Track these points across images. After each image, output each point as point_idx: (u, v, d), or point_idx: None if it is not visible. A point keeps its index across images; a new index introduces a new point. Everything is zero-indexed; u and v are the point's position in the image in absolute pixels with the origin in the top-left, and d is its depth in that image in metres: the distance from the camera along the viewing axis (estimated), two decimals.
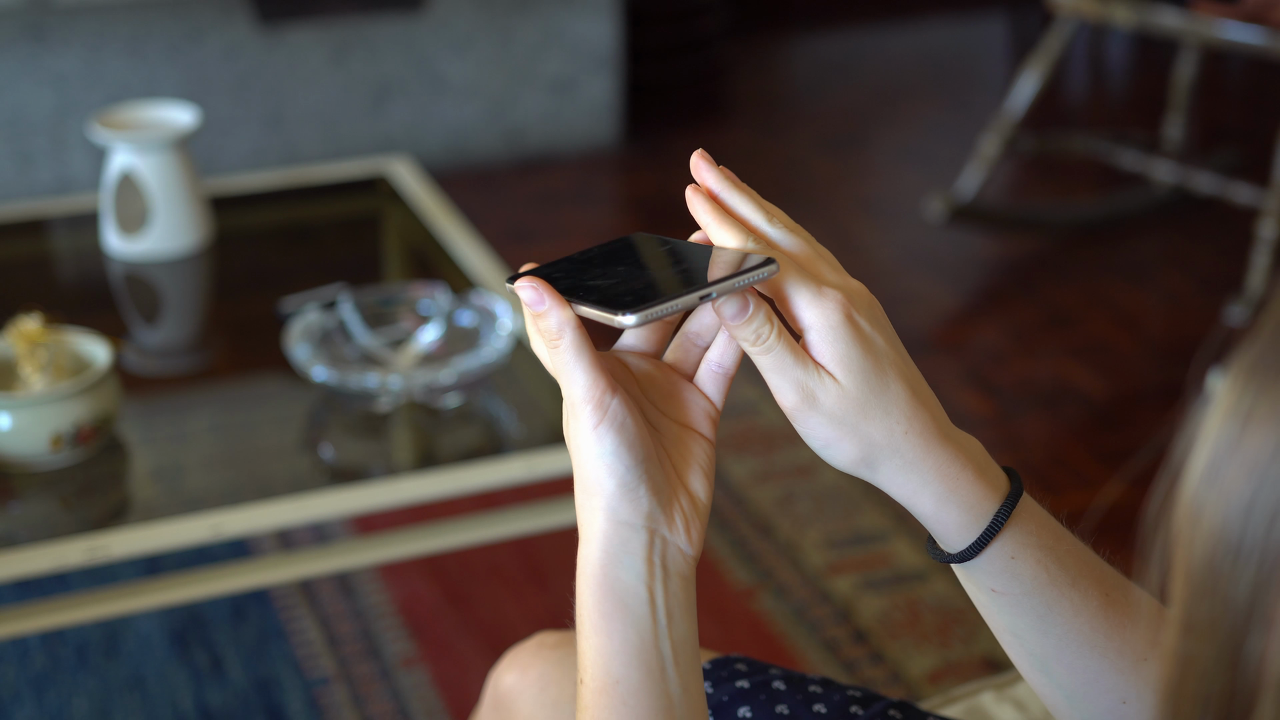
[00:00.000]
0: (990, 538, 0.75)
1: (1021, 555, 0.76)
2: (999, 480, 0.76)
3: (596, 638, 0.73)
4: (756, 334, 0.73)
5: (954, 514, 0.75)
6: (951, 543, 0.76)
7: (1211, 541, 0.53)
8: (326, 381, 1.75)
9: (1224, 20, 3.06)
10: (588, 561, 0.73)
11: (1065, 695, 0.78)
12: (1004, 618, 0.77)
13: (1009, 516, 0.76)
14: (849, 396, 0.73)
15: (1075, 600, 0.76)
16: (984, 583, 0.77)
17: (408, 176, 2.42)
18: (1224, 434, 0.54)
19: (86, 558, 1.54)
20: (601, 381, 0.72)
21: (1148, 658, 0.77)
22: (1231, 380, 0.54)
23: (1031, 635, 0.77)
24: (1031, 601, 0.76)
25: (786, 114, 4.17)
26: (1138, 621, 0.78)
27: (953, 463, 0.75)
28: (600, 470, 0.72)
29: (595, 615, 0.73)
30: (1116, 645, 0.77)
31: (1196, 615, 0.54)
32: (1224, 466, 0.53)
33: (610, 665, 0.72)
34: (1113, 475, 2.53)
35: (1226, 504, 0.53)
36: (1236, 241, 3.28)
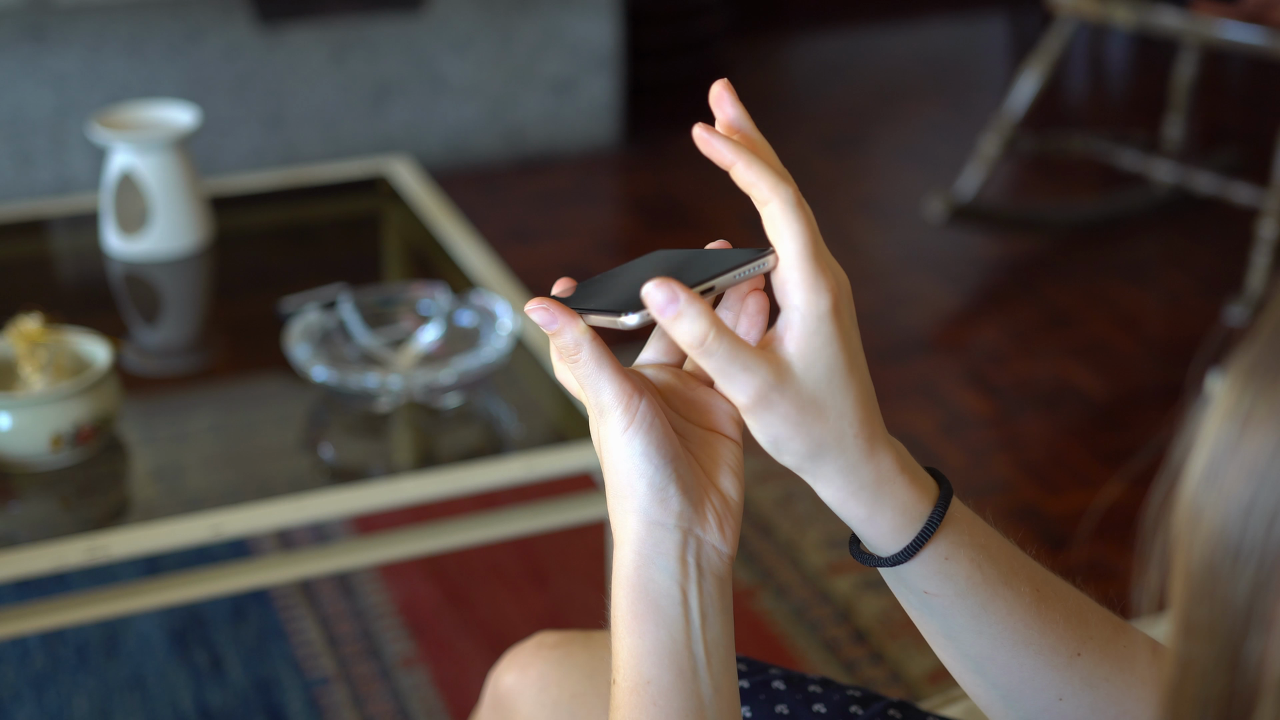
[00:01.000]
0: (924, 540, 0.74)
1: (955, 556, 0.75)
2: (928, 483, 0.76)
3: (629, 638, 0.73)
4: (689, 333, 0.69)
5: (888, 517, 0.74)
6: (883, 546, 0.75)
7: (1211, 543, 0.53)
8: (326, 381, 1.75)
9: (1224, 20, 3.06)
10: (622, 564, 0.73)
11: (1000, 695, 0.78)
12: (936, 621, 0.77)
13: (942, 518, 0.75)
14: (806, 395, 0.71)
15: (1008, 599, 0.76)
16: (916, 585, 0.76)
17: (408, 176, 2.42)
18: (1223, 435, 0.54)
19: (86, 558, 1.54)
20: (627, 385, 0.72)
21: (1080, 653, 0.77)
22: (1231, 381, 0.54)
23: (965, 636, 0.77)
24: (965, 603, 0.76)
25: (786, 114, 4.17)
26: (1069, 617, 0.77)
27: (890, 466, 0.74)
28: (631, 472, 0.72)
29: (629, 616, 0.73)
30: (1050, 641, 0.77)
31: (1196, 617, 0.54)
32: (1223, 468, 0.53)
33: (642, 666, 0.73)
34: (1113, 475, 2.53)
35: (1226, 505, 0.53)
36: (1236, 241, 3.28)
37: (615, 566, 0.74)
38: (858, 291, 3.18)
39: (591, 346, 0.73)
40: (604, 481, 0.75)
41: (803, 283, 0.70)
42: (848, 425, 0.73)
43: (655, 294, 0.69)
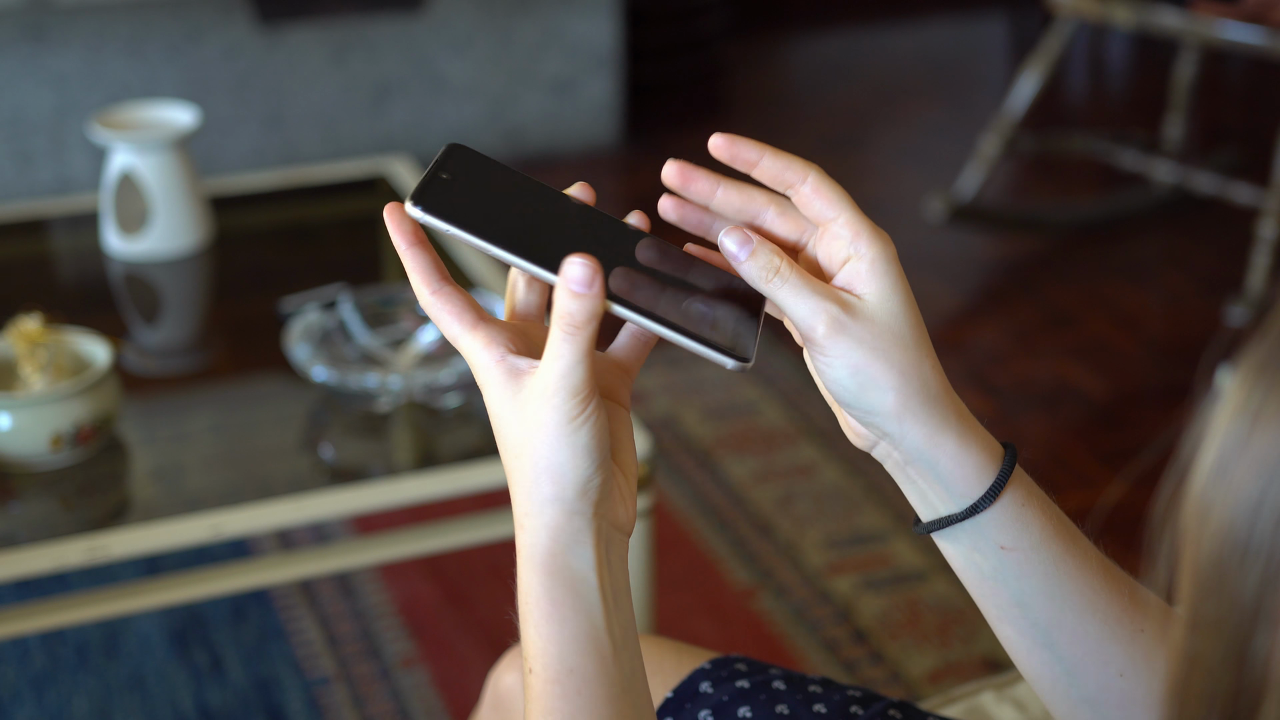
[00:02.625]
0: (1007, 478, 0.75)
1: (1030, 504, 0.76)
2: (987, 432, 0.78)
3: (548, 626, 0.72)
4: (765, 268, 0.72)
5: (973, 452, 0.75)
6: (966, 490, 0.75)
7: (1219, 539, 0.53)
8: (326, 381, 1.75)
9: (1224, 20, 3.06)
10: (536, 549, 0.72)
11: (1065, 670, 0.77)
12: (1010, 585, 0.76)
13: (1015, 462, 0.76)
14: (881, 324, 0.73)
15: (1078, 556, 0.77)
16: (994, 539, 0.75)
17: (408, 176, 2.42)
18: (1232, 432, 0.54)
19: (86, 558, 1.54)
20: (589, 375, 0.70)
21: (1144, 629, 0.77)
22: (1240, 378, 0.54)
23: (1038, 600, 0.76)
24: (1040, 555, 0.76)
25: (786, 114, 4.17)
26: (1133, 590, 0.78)
27: (962, 406, 0.76)
28: (565, 464, 0.70)
29: (546, 604, 0.72)
30: (1116, 611, 0.77)
31: (1203, 613, 0.54)
32: (1232, 464, 0.53)
33: (564, 654, 0.72)
34: (1113, 475, 2.53)
35: (1234, 502, 0.53)
36: (1236, 241, 3.28)
37: (526, 551, 0.72)
38: None
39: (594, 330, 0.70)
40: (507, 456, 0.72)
41: (866, 232, 0.73)
42: (926, 356, 0.75)
43: (729, 241, 0.73)
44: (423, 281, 0.74)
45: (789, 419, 2.65)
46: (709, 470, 2.52)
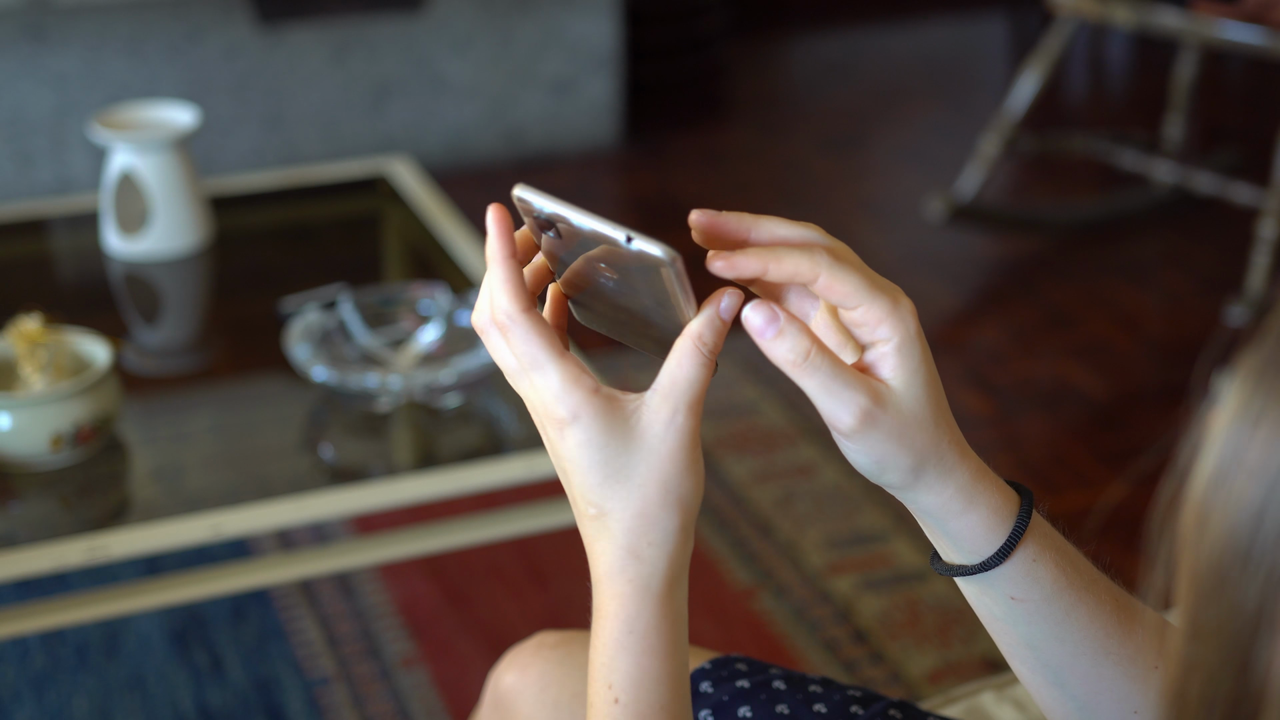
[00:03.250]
0: (1018, 537, 0.74)
1: (1041, 558, 0.75)
2: (1008, 488, 0.76)
3: (650, 660, 0.71)
4: (794, 351, 0.69)
5: (982, 516, 0.74)
6: (976, 549, 0.74)
7: (1219, 547, 0.53)
8: (326, 381, 1.75)
9: (1224, 20, 3.06)
10: (655, 580, 0.71)
11: (1077, 707, 0.77)
12: (1020, 629, 0.76)
13: (1030, 517, 0.75)
14: (906, 412, 0.71)
15: (1090, 605, 0.76)
16: (1004, 591, 0.75)
17: (408, 176, 2.42)
18: (1232, 438, 0.53)
19: (86, 558, 1.54)
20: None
21: (1157, 666, 0.77)
22: (1240, 382, 0.54)
23: (1048, 644, 0.76)
24: (1051, 608, 0.75)
25: (786, 114, 4.17)
26: (1146, 630, 0.77)
27: (978, 466, 0.74)
28: (692, 487, 0.70)
29: (653, 637, 0.71)
30: (1129, 652, 0.76)
31: (1203, 620, 0.54)
32: (1232, 471, 0.53)
33: (660, 692, 0.71)
34: (1113, 476, 2.53)
35: (1235, 510, 0.52)
36: (1236, 241, 3.28)
37: (644, 582, 0.71)
38: None
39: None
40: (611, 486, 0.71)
41: (890, 318, 0.71)
42: (944, 432, 0.73)
43: (755, 316, 0.70)
44: (514, 297, 0.70)
45: (789, 419, 2.65)
46: (709, 470, 2.52)
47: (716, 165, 3.81)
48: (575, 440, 0.70)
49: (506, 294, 0.70)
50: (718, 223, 0.72)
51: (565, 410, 0.70)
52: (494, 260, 0.71)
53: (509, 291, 0.70)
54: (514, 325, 0.70)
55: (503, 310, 0.70)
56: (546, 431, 0.72)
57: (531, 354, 0.70)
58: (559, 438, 0.71)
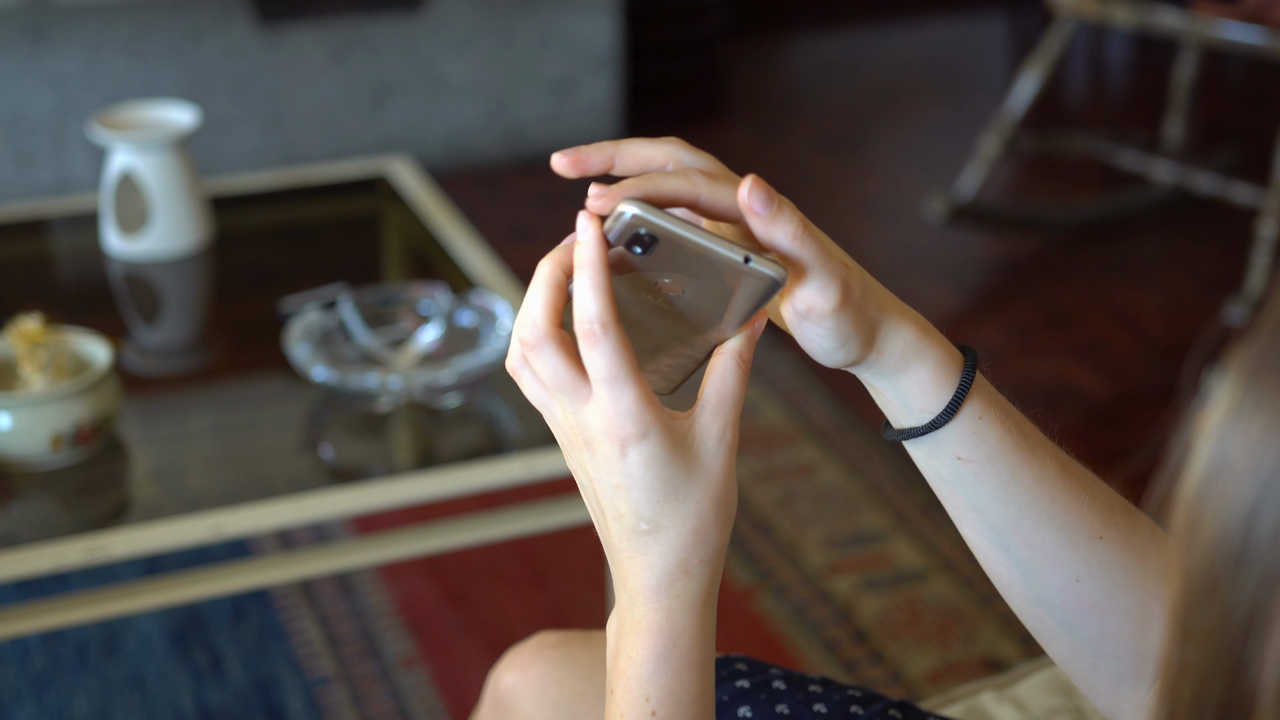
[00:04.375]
0: (964, 394, 0.76)
1: (987, 416, 0.77)
2: (952, 346, 0.79)
3: (691, 675, 0.71)
4: (790, 221, 0.70)
5: (930, 370, 0.76)
6: (925, 406, 0.76)
7: (1212, 548, 0.52)
8: (326, 381, 1.75)
9: (1224, 20, 3.06)
10: (700, 595, 0.72)
11: (1021, 571, 0.78)
12: (967, 491, 0.78)
13: (974, 373, 0.77)
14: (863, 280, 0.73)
15: (1035, 466, 0.77)
16: (951, 450, 0.77)
17: (408, 176, 2.42)
18: (1224, 437, 0.53)
19: (86, 558, 1.54)
20: None
21: (1102, 537, 0.78)
22: (1232, 381, 0.53)
23: (993, 506, 0.77)
24: (995, 467, 0.77)
25: (786, 114, 4.17)
26: (1093, 500, 0.78)
27: (922, 322, 0.77)
28: (734, 501, 0.72)
29: (696, 654, 0.72)
30: (1073, 519, 0.77)
31: (1195, 622, 0.53)
32: (1224, 471, 0.52)
33: (696, 708, 0.72)
34: (1113, 475, 2.53)
35: (1228, 510, 0.52)
36: (1236, 241, 3.28)
37: (691, 598, 0.71)
38: None
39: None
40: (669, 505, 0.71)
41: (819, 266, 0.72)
42: (881, 291, 0.75)
43: (755, 198, 0.69)
44: (605, 307, 0.68)
45: (789, 419, 2.65)
46: None
47: None
48: (641, 457, 0.70)
49: (601, 302, 0.68)
50: (580, 159, 0.73)
51: (636, 427, 0.69)
52: (590, 265, 0.69)
53: (595, 301, 0.68)
54: (605, 335, 0.68)
55: (595, 317, 0.68)
56: (598, 448, 0.70)
57: (613, 368, 0.69)
58: (618, 454, 0.70)
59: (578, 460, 0.72)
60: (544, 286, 0.70)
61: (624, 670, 0.72)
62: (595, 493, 0.72)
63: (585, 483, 0.73)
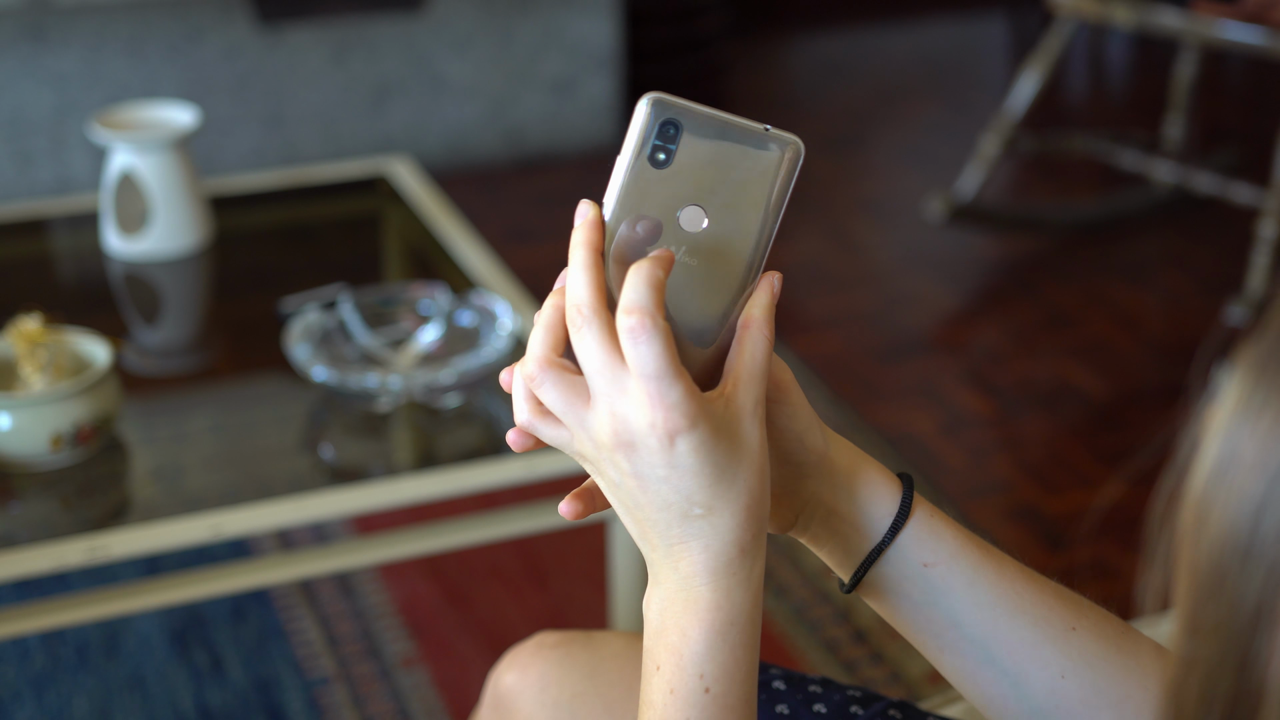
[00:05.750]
0: (912, 487, 0.78)
1: (937, 514, 0.79)
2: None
3: (745, 654, 0.74)
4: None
5: (876, 474, 0.78)
6: (879, 513, 0.78)
7: (1219, 543, 0.53)
8: (326, 381, 1.75)
9: (1224, 20, 3.06)
10: (759, 573, 0.73)
11: (1011, 683, 0.79)
12: (940, 604, 0.78)
13: (911, 479, 0.80)
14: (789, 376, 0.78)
15: (993, 563, 0.79)
16: (915, 558, 0.78)
17: (408, 176, 2.42)
18: (1233, 432, 0.53)
19: (86, 558, 1.54)
20: None
21: (1075, 628, 0.78)
22: (1240, 376, 0.53)
23: (968, 612, 0.78)
24: (959, 565, 0.78)
25: (786, 114, 4.17)
26: (1058, 592, 0.79)
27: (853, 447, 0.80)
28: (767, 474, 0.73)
29: (751, 632, 0.74)
30: (1044, 612, 0.78)
31: (1202, 617, 0.54)
32: (1233, 466, 0.52)
33: (748, 686, 0.74)
34: (1113, 475, 2.53)
35: (1236, 505, 0.52)
36: (1236, 241, 3.28)
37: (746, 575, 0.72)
38: (858, 292, 3.18)
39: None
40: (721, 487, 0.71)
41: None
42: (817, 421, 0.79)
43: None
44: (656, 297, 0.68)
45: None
46: None
47: None
48: (691, 445, 0.69)
49: (653, 298, 0.68)
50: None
51: (686, 419, 0.68)
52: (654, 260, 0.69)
53: (656, 297, 0.68)
54: (653, 331, 0.68)
55: (644, 309, 0.68)
56: (641, 444, 0.69)
57: (661, 363, 0.68)
58: (667, 446, 0.69)
59: (609, 460, 0.71)
60: (542, 328, 0.72)
61: (675, 648, 0.73)
62: (631, 487, 0.71)
63: (617, 479, 0.72)
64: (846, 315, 3.07)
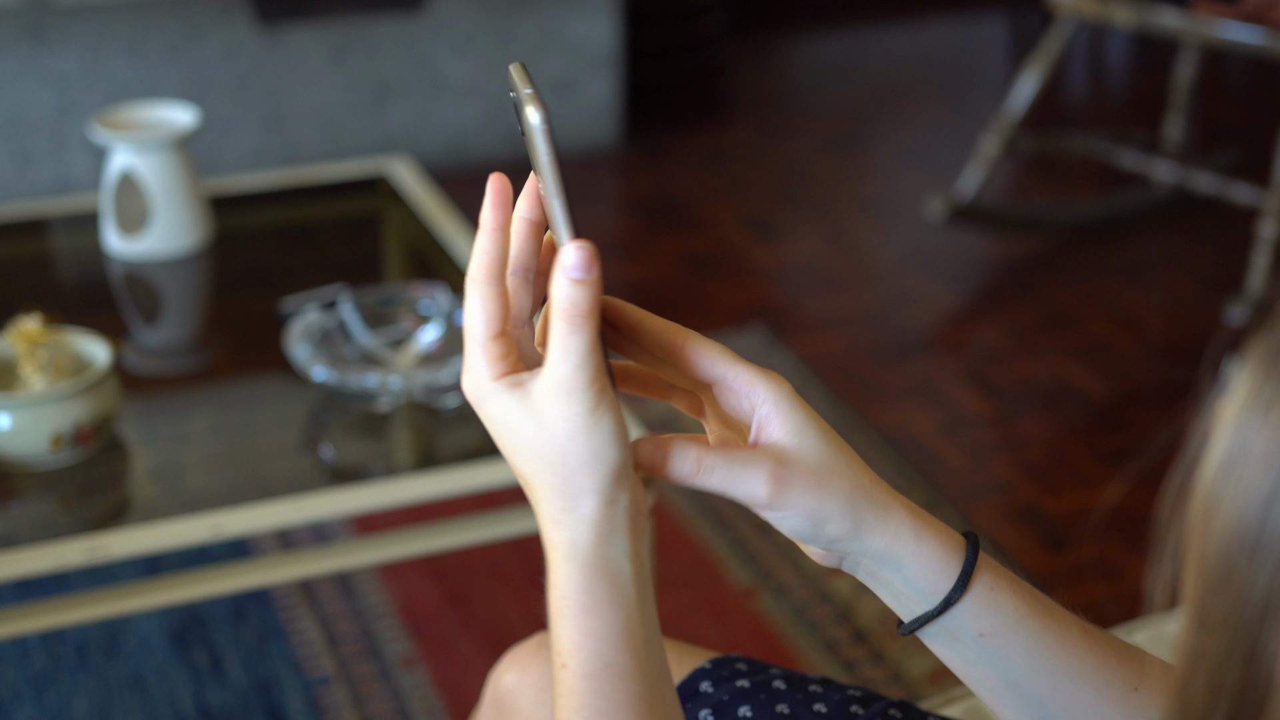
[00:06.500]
0: (973, 565, 0.75)
1: (999, 586, 0.76)
2: (946, 525, 0.78)
3: (586, 619, 0.71)
4: (688, 470, 0.73)
5: (935, 547, 0.75)
6: (935, 586, 0.76)
7: (1228, 535, 0.53)
8: (326, 381, 1.75)
9: (1224, 20, 3.06)
10: (577, 544, 0.72)
11: None
12: (997, 668, 0.77)
13: (978, 546, 0.76)
14: (812, 462, 0.74)
15: (1057, 629, 0.77)
16: (971, 628, 0.76)
17: (408, 176, 2.42)
18: (1242, 425, 0.53)
19: (86, 558, 1.54)
20: (602, 362, 0.71)
21: (1137, 688, 0.77)
22: (1250, 370, 0.53)
23: (1025, 677, 0.76)
24: (1018, 636, 0.76)
25: (786, 114, 4.17)
26: (1118, 653, 0.78)
27: (912, 504, 0.76)
28: (597, 452, 0.70)
29: (585, 598, 0.71)
30: (1105, 675, 0.77)
31: (1210, 609, 0.54)
32: (1242, 459, 0.52)
33: (602, 649, 0.71)
34: (1113, 475, 2.53)
35: (1244, 497, 0.52)
36: (1236, 241, 3.28)
37: (566, 548, 0.72)
38: (858, 292, 3.18)
39: (597, 318, 0.70)
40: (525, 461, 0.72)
41: (759, 379, 0.74)
42: (862, 473, 0.75)
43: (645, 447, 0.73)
44: (485, 266, 0.72)
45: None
46: None
47: (716, 165, 3.81)
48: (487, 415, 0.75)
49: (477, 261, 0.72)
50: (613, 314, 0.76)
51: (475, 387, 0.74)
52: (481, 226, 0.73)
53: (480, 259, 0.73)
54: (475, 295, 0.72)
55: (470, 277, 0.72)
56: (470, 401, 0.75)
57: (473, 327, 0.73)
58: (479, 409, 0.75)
59: None
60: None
61: None
62: None
63: None
64: (846, 315, 3.07)
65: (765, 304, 3.12)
